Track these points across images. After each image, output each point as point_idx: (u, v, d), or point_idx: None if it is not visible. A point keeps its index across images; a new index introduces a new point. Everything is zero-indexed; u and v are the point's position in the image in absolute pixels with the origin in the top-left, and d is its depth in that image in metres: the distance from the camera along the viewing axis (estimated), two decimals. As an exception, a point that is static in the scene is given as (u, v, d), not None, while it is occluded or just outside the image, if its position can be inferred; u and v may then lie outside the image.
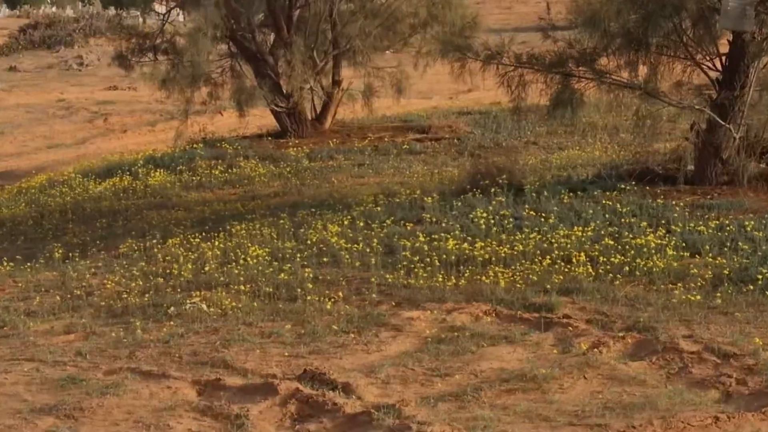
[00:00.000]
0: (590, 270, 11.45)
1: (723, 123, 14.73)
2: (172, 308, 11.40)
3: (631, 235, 12.42)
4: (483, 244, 12.50)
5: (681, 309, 10.35)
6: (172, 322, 10.96)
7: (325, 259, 12.76)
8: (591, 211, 13.61)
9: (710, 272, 11.22)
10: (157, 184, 19.69)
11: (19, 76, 40.15)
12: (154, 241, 14.48)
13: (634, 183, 14.86)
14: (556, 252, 12.06)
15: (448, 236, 12.91)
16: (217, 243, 13.88)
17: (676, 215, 13.21)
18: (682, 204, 13.74)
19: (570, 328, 9.96)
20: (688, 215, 13.31)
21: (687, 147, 15.54)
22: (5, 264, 14.09)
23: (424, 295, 11.29)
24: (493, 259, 12.11)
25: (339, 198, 16.74)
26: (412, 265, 12.11)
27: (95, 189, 19.91)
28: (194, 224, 15.92)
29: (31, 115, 32.15)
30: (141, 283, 12.54)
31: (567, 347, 9.50)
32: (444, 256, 12.17)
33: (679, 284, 10.95)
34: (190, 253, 13.63)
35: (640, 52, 15.00)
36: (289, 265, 12.54)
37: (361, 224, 14.04)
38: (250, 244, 13.59)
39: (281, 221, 14.69)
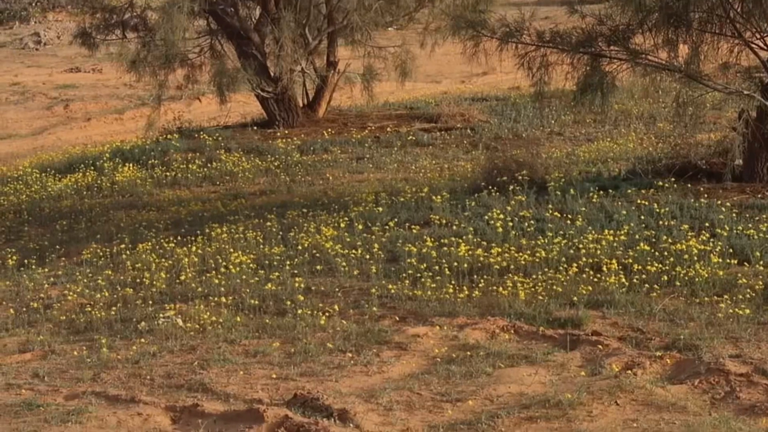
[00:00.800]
0: (623, 280, 11.46)
1: (776, 111, 14.74)
2: (143, 323, 11.41)
3: (670, 240, 12.43)
4: (500, 249, 12.52)
5: (727, 324, 10.36)
6: (142, 340, 10.97)
7: (318, 267, 12.77)
8: (624, 212, 13.63)
9: (761, 282, 11.23)
10: (125, 181, 19.71)
11: (-34, 56, 40.30)
12: (122, 246, 14.49)
13: (673, 180, 14.87)
14: (584, 259, 12.07)
15: (460, 241, 12.92)
16: (194, 248, 13.89)
17: (721, 217, 13.22)
18: (728, 204, 13.75)
19: (600, 346, 9.98)
20: (736, 217, 13.32)
21: (734, 138, 15.52)
22: (-49, 272, 14.14)
23: (432, 309, 11.31)
24: (512, 267, 12.12)
25: (334, 197, 16.76)
26: (419, 274, 12.13)
27: (54, 186, 19.93)
28: (168, 227, 15.93)
29: (-21, 102, 32.23)
30: (107, 294, 12.55)
31: (596, 369, 9.51)
32: (455, 264, 12.18)
33: (726, 296, 10.96)
34: (163, 260, 13.64)
35: (681, 29, 15.00)
36: (277, 273, 12.56)
37: (360, 227, 14.05)
38: (232, 250, 13.60)
39: (268, 223, 14.71)
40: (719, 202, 13.90)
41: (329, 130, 22.41)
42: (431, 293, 11.64)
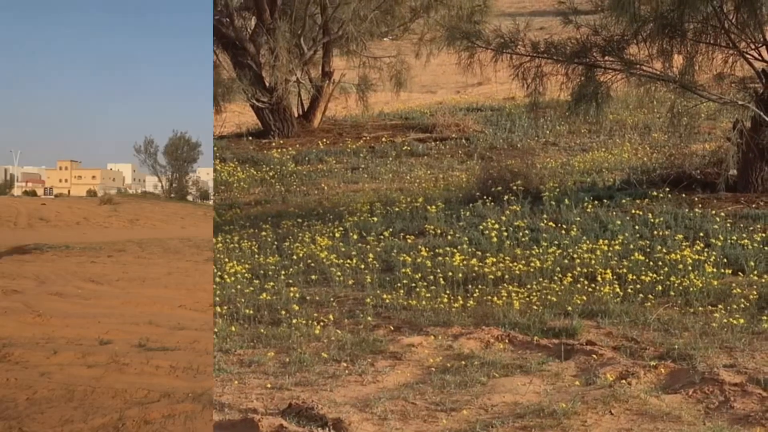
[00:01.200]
0: (617, 289, 11.47)
1: (770, 121, 14.78)
2: (138, 333, 11.44)
3: (664, 250, 12.45)
4: (495, 259, 12.53)
5: (722, 334, 10.37)
6: (137, 349, 10.99)
7: (313, 277, 12.77)
8: (619, 222, 13.64)
9: (755, 292, 11.24)
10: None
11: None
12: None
13: (668, 190, 14.89)
14: (579, 269, 12.08)
15: (455, 251, 12.93)
16: (189, 258, 13.91)
17: (716, 227, 13.23)
18: (723, 214, 13.77)
19: (594, 356, 9.98)
20: (730, 227, 13.34)
21: (729, 149, 15.56)
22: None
23: (427, 319, 11.31)
24: (507, 276, 12.13)
25: (329, 207, 16.76)
26: (414, 284, 12.13)
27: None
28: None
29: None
30: (102, 304, 12.57)
31: (591, 378, 9.51)
32: (450, 274, 12.19)
33: (720, 306, 10.97)
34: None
35: (675, 39, 15.04)
36: (272, 283, 12.56)
37: (355, 237, 14.06)
38: (227, 260, 13.60)
39: (263, 233, 14.71)
40: (714, 212, 13.92)
41: (324, 140, 22.43)
42: (426, 303, 11.65)
